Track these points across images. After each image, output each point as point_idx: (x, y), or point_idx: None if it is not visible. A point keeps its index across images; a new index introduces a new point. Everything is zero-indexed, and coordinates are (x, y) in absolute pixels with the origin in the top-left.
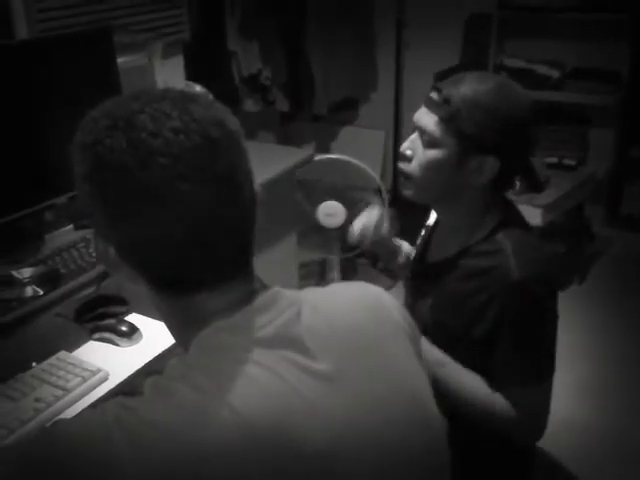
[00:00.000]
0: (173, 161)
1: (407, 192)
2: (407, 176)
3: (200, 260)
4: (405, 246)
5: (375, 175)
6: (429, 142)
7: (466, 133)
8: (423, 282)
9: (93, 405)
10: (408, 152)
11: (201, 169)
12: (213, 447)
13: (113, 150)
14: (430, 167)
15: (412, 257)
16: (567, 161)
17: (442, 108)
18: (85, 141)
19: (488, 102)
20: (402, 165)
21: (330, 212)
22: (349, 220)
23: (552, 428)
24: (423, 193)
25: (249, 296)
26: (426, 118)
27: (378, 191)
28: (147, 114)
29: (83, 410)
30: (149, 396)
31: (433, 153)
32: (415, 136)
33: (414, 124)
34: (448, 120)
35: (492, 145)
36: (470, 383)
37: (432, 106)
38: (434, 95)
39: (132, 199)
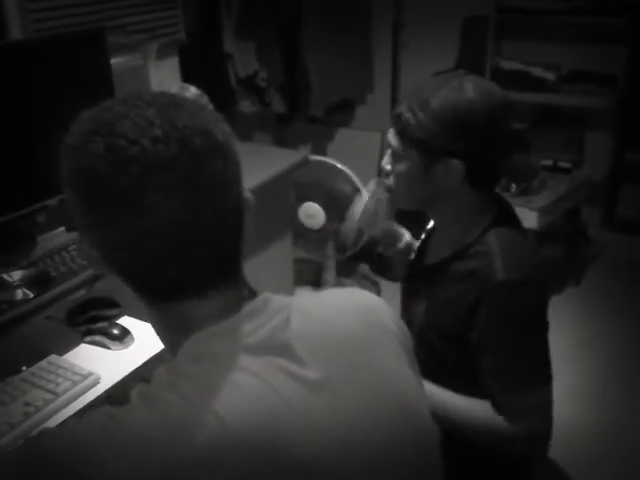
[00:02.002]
0: (148, 171)
1: (394, 204)
2: (389, 190)
3: (180, 269)
4: (405, 233)
5: (355, 178)
6: (395, 156)
7: (421, 143)
8: (418, 284)
9: (80, 413)
10: (388, 167)
11: (178, 180)
12: (199, 456)
13: (91, 155)
14: (402, 180)
15: (412, 245)
16: (563, 164)
17: (397, 122)
18: (69, 144)
19: (435, 107)
20: (385, 180)
21: (310, 213)
22: (330, 222)
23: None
24: (405, 203)
25: (238, 302)
26: (390, 134)
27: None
28: (130, 120)
29: (69, 419)
30: (136, 405)
31: (401, 167)
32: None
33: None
34: (403, 132)
35: (449, 149)
36: (466, 407)
37: (393, 121)
38: (394, 110)
39: (105, 206)
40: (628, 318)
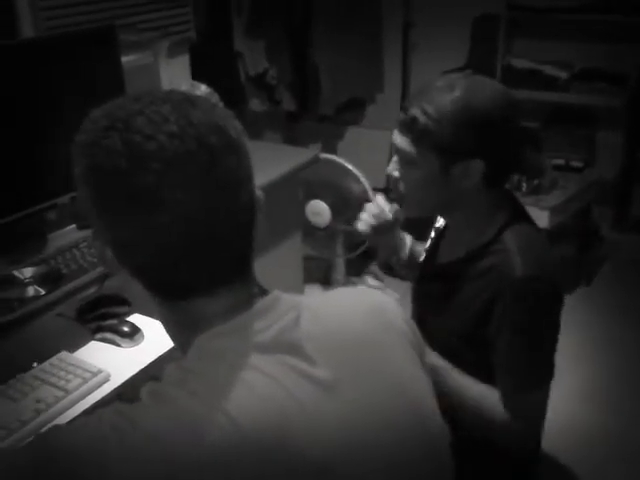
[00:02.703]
0: (165, 167)
1: (406, 212)
2: (400, 198)
3: (194, 266)
4: (408, 240)
5: (363, 177)
6: (409, 162)
7: (441, 146)
8: (431, 285)
9: (89, 411)
10: (395, 174)
11: (194, 176)
12: (209, 457)
13: (108, 152)
14: (417, 186)
15: (417, 254)
16: (574, 163)
17: (411, 128)
18: (83, 141)
19: (454, 111)
20: (393, 188)
21: (317, 211)
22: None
23: (556, 429)
24: (420, 210)
25: (248, 301)
26: (400, 139)
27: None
28: (145, 116)
29: (78, 416)
30: (146, 404)
31: (416, 172)
32: (397, 157)
33: (393, 146)
34: (420, 138)
35: (470, 149)
36: (475, 390)
37: (402, 128)
38: (402, 115)
39: (123, 203)
40: (638, 317)
